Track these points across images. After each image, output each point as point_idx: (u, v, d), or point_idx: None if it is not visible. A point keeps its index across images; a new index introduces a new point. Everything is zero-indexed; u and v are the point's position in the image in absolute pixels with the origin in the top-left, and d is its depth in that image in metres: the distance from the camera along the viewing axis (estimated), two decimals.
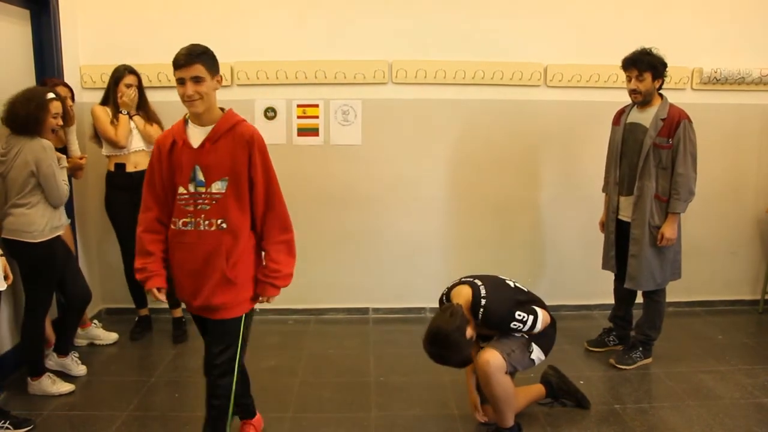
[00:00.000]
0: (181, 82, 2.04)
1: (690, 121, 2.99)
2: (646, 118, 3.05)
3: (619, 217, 3.19)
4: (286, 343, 3.60)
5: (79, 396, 2.90)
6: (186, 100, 2.05)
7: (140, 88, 3.45)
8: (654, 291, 3.18)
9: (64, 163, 2.89)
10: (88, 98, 3.63)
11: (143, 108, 3.48)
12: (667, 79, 3.84)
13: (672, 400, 2.85)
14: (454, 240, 3.99)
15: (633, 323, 3.38)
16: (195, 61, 2.05)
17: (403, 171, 3.93)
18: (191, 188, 2.11)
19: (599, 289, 3.79)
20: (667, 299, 4.17)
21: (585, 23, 3.81)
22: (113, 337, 3.54)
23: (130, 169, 3.44)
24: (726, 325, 3.86)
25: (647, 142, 3.00)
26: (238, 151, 2.13)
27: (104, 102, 3.44)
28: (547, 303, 2.63)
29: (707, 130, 4.02)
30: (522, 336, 2.44)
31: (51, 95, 2.78)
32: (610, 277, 3.41)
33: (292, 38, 3.77)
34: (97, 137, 3.46)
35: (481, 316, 2.37)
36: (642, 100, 3.05)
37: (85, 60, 3.73)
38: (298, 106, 3.84)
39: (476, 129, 3.92)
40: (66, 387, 2.91)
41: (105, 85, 3.51)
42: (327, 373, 3.19)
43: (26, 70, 3.31)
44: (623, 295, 3.34)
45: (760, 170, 4.09)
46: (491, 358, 2.36)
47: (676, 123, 2.96)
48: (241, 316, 2.20)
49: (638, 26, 3.82)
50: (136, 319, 3.71)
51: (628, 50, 3.82)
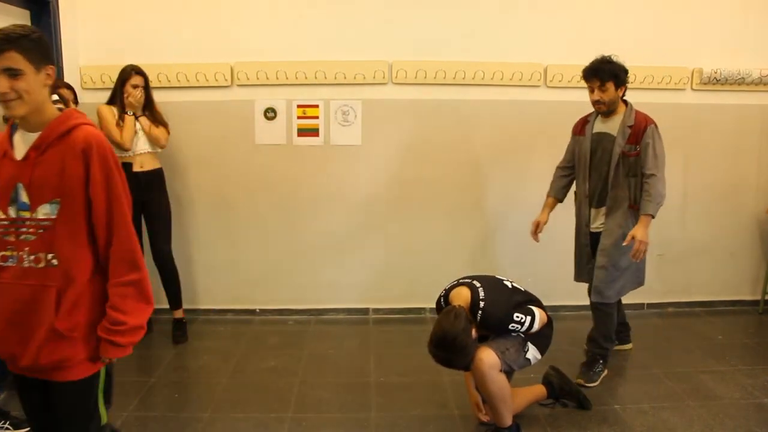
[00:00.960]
0: None
1: (656, 126, 2.91)
2: (612, 126, 2.97)
3: (592, 230, 3.08)
4: (286, 343, 3.60)
5: None
6: None
7: (147, 89, 3.43)
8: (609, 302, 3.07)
9: None
10: (88, 98, 3.62)
11: (149, 109, 3.46)
12: (667, 80, 3.89)
13: (672, 400, 2.85)
14: (454, 240, 3.99)
15: (625, 319, 3.37)
16: (8, 47, 1.51)
17: (403, 171, 3.93)
18: (11, 213, 1.60)
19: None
20: (668, 299, 4.21)
21: (585, 23, 3.81)
22: None
23: (136, 169, 3.42)
24: (726, 326, 3.86)
25: (616, 151, 2.92)
26: (72, 164, 1.61)
27: (110, 102, 3.42)
28: (547, 303, 2.63)
29: (707, 130, 4.04)
30: (518, 335, 2.44)
31: (54, 97, 2.76)
32: None
33: (292, 38, 3.77)
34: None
35: (479, 318, 2.37)
36: (606, 110, 2.97)
37: (85, 60, 3.73)
38: (298, 107, 3.85)
39: (476, 129, 3.92)
40: None
41: (105, 86, 3.52)
42: (327, 373, 3.19)
43: None
44: None
45: (760, 170, 4.09)
46: (485, 356, 2.36)
47: (642, 129, 2.88)
48: (92, 378, 1.69)
49: (638, 26, 3.83)
50: None
51: (628, 50, 3.82)
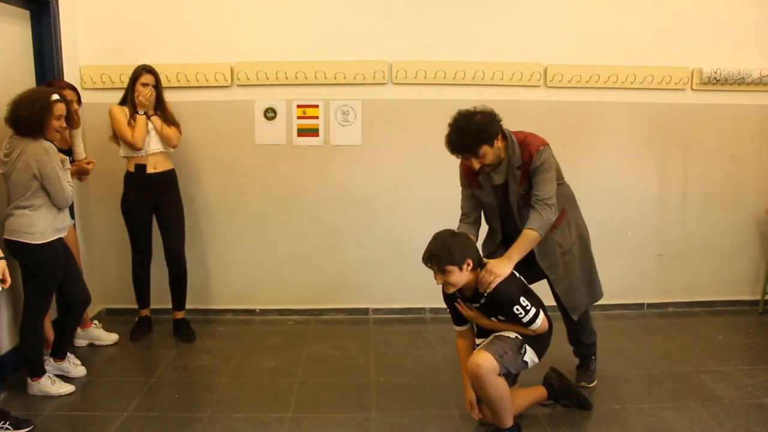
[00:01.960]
0: None
1: (544, 146, 2.61)
2: (503, 174, 2.67)
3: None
4: (286, 344, 3.60)
5: (79, 396, 2.90)
6: None
7: (158, 88, 3.41)
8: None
9: (68, 165, 2.87)
10: (88, 99, 3.62)
11: (161, 108, 3.44)
12: (667, 80, 3.89)
13: (672, 401, 2.85)
14: None
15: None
16: None
17: (403, 171, 3.93)
18: None
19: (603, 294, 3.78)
20: (668, 299, 4.21)
21: (585, 23, 3.81)
22: (113, 337, 3.54)
23: (150, 170, 3.42)
24: (726, 325, 3.86)
25: (513, 200, 2.68)
26: None
27: (122, 102, 3.41)
28: (548, 303, 2.63)
29: (707, 130, 4.03)
30: (516, 337, 2.44)
31: (55, 97, 2.76)
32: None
33: (292, 38, 3.77)
34: (116, 137, 3.42)
35: (488, 291, 2.36)
36: (497, 166, 2.64)
37: (85, 60, 3.73)
38: (298, 107, 3.85)
39: None
40: (66, 388, 2.90)
41: (105, 86, 3.52)
42: (327, 374, 3.19)
43: (26, 71, 3.31)
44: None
45: (760, 170, 4.09)
46: (482, 361, 2.34)
47: (529, 161, 2.59)
48: None
49: (638, 26, 3.83)
50: (136, 319, 3.71)
51: (628, 50, 3.85)
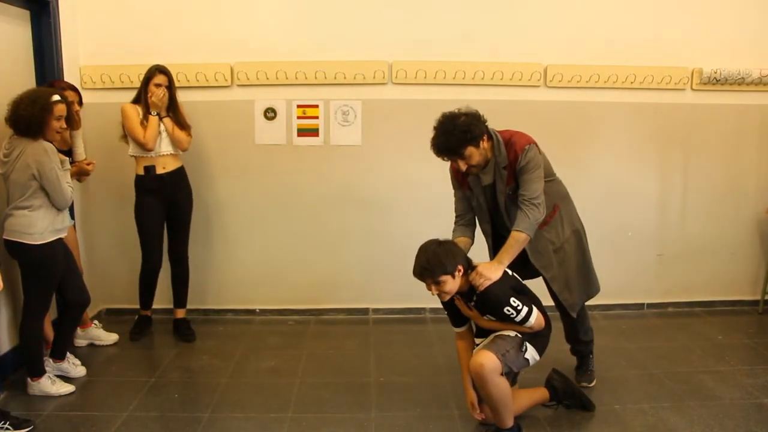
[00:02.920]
0: None
1: (531, 144, 2.61)
2: (491, 174, 2.67)
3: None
4: (286, 343, 3.60)
5: (79, 396, 2.90)
6: None
7: (171, 89, 3.38)
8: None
9: (67, 166, 2.87)
10: (88, 99, 3.61)
11: (173, 110, 3.41)
12: (667, 80, 3.89)
13: (672, 401, 2.85)
14: None
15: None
16: None
17: (403, 171, 3.93)
18: None
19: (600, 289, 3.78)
20: (668, 299, 4.21)
21: (585, 23, 3.81)
22: (113, 337, 3.54)
23: (159, 171, 3.41)
24: (726, 326, 3.85)
25: (501, 200, 2.68)
26: None
27: (136, 101, 3.39)
28: (546, 303, 2.63)
29: (707, 130, 4.03)
30: (516, 336, 2.44)
31: (56, 97, 2.74)
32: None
33: (292, 38, 3.77)
34: (126, 136, 3.39)
35: (478, 292, 2.38)
36: (484, 166, 2.65)
37: (85, 60, 3.73)
38: (298, 107, 3.85)
39: None
40: (66, 388, 2.90)
41: (105, 86, 3.52)
42: (327, 373, 3.19)
43: (26, 71, 3.31)
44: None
45: (760, 170, 4.09)
46: (485, 360, 2.34)
47: (515, 160, 2.59)
48: None
49: (638, 26, 3.83)
50: (136, 317, 3.70)
51: (628, 50, 3.85)
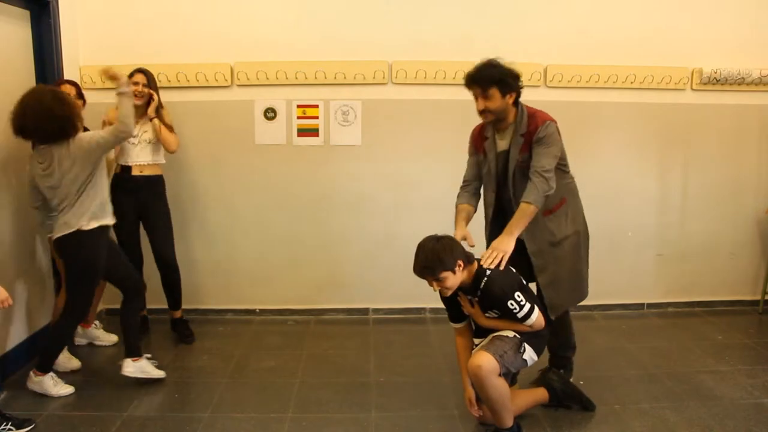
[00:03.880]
0: None
1: (552, 122, 2.58)
2: (508, 140, 2.65)
3: None
4: (286, 343, 3.60)
5: (79, 396, 2.89)
6: None
7: (151, 86, 3.34)
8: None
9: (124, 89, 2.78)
10: (88, 98, 3.61)
11: (158, 112, 3.37)
12: (667, 80, 3.89)
13: (672, 400, 2.85)
14: None
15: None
16: None
17: (403, 171, 3.93)
18: None
19: (600, 289, 3.75)
20: (668, 299, 4.21)
21: (585, 23, 3.81)
22: (113, 339, 3.54)
23: (135, 173, 3.39)
24: (726, 325, 3.86)
25: (511, 168, 2.64)
26: None
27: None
28: None
29: (707, 130, 4.04)
30: (514, 336, 2.44)
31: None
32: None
33: (292, 38, 3.77)
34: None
35: (483, 285, 2.37)
36: (494, 119, 2.62)
37: (85, 60, 3.74)
38: (298, 107, 3.85)
39: None
40: (66, 389, 2.89)
41: (105, 86, 3.50)
42: (327, 373, 3.19)
43: (26, 71, 3.31)
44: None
45: (760, 170, 4.09)
46: (483, 362, 2.34)
47: (534, 131, 2.56)
48: None
49: (638, 26, 3.83)
50: None
51: (628, 50, 3.85)
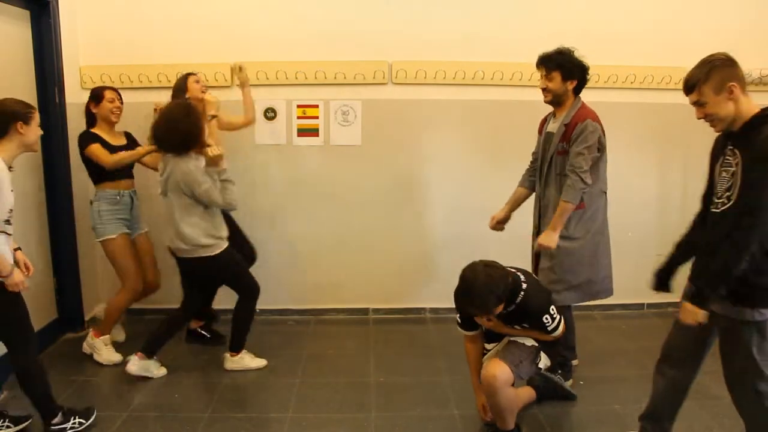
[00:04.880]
0: None
1: (594, 121, 2.76)
2: (557, 125, 2.88)
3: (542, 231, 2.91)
4: (286, 343, 3.60)
5: (80, 396, 2.90)
6: None
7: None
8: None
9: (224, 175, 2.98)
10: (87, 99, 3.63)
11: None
12: (667, 80, 3.89)
13: None
14: (454, 240, 3.98)
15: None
16: None
17: (403, 171, 3.93)
18: None
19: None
20: (668, 299, 4.17)
21: (585, 24, 3.80)
22: (121, 336, 3.55)
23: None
24: None
25: (551, 150, 2.86)
26: None
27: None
28: None
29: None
30: (532, 345, 2.43)
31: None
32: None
33: (292, 38, 3.77)
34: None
35: (519, 299, 2.34)
36: (552, 100, 2.86)
37: (85, 60, 3.73)
38: (298, 107, 3.85)
39: (476, 129, 3.92)
40: (258, 362, 3.23)
41: (105, 86, 3.50)
42: (327, 373, 3.19)
43: (26, 71, 3.31)
44: None
45: None
46: (498, 372, 2.33)
47: (574, 125, 2.76)
48: None
49: (638, 27, 3.83)
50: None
51: (628, 50, 3.85)
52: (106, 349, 3.26)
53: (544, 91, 2.87)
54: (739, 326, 1.92)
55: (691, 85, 1.98)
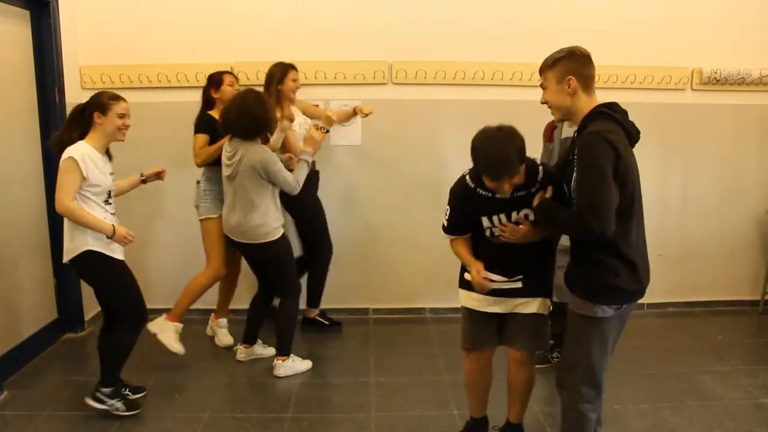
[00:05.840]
0: None
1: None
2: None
3: None
4: None
5: (80, 396, 2.89)
6: None
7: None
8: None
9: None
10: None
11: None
12: (667, 80, 3.89)
13: (672, 400, 2.85)
14: None
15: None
16: None
17: (403, 171, 3.93)
18: None
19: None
20: (668, 299, 4.20)
21: (585, 23, 3.80)
22: (228, 340, 3.59)
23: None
24: (726, 325, 3.86)
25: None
26: None
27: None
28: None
29: (707, 130, 4.03)
30: (545, 314, 2.37)
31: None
32: None
33: (292, 38, 3.77)
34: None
35: (541, 176, 2.24)
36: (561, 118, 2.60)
37: (85, 60, 3.74)
38: None
39: (476, 130, 3.87)
40: (306, 363, 3.22)
41: (105, 86, 3.51)
42: (327, 373, 3.19)
43: (26, 71, 3.31)
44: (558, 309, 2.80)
45: (760, 170, 4.09)
46: (534, 371, 2.36)
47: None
48: None
49: (638, 26, 3.83)
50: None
51: (628, 51, 3.85)
52: (175, 338, 3.21)
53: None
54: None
55: (540, 68, 2.06)
